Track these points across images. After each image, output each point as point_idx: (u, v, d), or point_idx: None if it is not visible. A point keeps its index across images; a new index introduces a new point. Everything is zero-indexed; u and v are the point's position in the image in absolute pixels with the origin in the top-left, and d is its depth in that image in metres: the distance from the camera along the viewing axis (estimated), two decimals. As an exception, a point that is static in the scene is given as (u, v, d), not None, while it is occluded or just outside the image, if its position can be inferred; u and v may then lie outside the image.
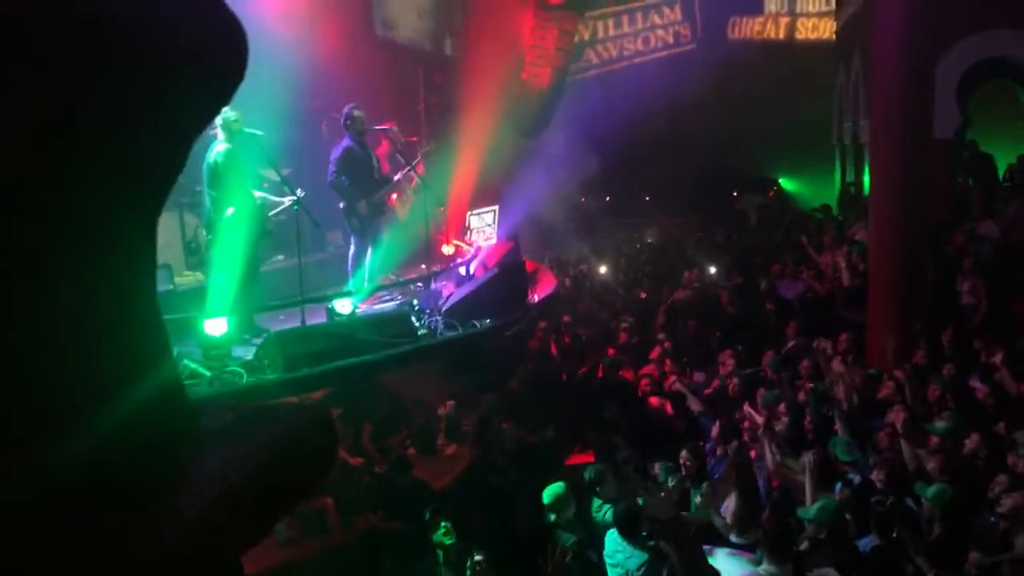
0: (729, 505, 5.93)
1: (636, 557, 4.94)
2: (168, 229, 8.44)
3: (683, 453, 6.34)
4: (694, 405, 7.76)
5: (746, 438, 6.70)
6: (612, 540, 5.13)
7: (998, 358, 6.95)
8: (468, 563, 4.97)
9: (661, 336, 9.58)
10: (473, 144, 11.18)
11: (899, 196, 8.43)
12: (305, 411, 1.48)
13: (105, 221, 1.26)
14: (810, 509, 5.26)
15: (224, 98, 1.45)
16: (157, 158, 1.36)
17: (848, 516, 5.26)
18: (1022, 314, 7.97)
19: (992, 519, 5.00)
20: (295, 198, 7.06)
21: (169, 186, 1.46)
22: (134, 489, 1.24)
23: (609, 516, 5.44)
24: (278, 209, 7.49)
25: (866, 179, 12.42)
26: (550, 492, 5.57)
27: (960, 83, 11.24)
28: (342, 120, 7.89)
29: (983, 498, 5.16)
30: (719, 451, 6.75)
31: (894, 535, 4.93)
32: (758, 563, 5.00)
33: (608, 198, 21.26)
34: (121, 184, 1.29)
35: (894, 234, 8.43)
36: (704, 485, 6.14)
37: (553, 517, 5.48)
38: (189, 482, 1.28)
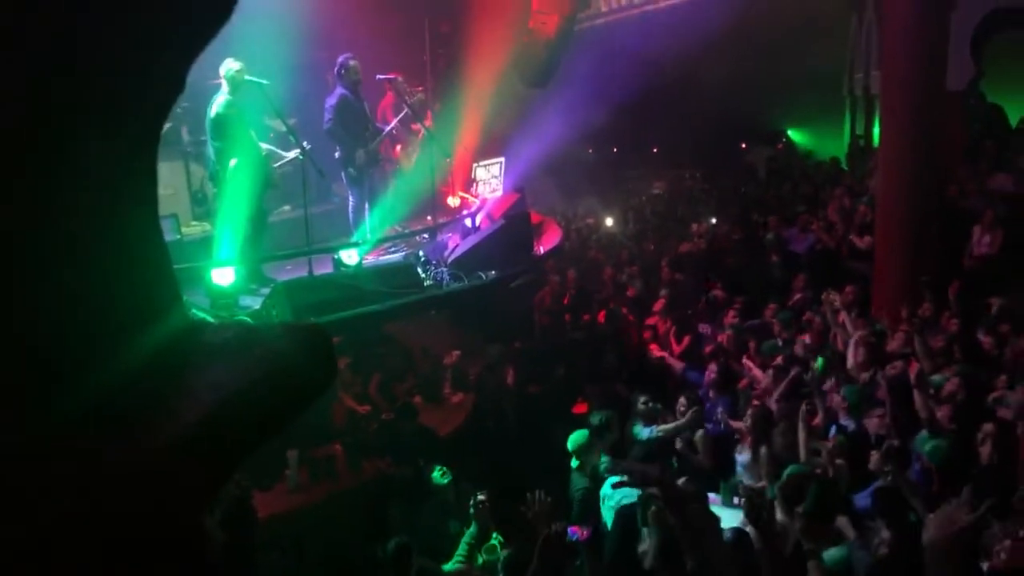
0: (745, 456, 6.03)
1: (629, 498, 5.11)
2: (174, 179, 8.46)
3: (680, 399, 6.47)
4: (675, 364, 7.90)
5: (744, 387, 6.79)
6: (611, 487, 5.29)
7: (994, 307, 6.97)
8: (472, 502, 5.08)
9: (664, 290, 9.61)
10: (479, 95, 11.07)
11: (910, 148, 8.34)
12: (303, 329, 1.52)
13: (100, 157, 1.28)
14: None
15: (210, 32, 1.44)
16: (146, 93, 1.37)
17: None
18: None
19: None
20: (300, 151, 7.05)
21: (161, 120, 1.47)
22: (141, 398, 1.29)
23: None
24: (283, 161, 7.49)
25: (876, 131, 12.27)
26: (575, 439, 5.67)
27: (975, 33, 11.03)
28: (336, 69, 7.84)
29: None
30: (712, 395, 6.84)
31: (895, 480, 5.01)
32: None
33: (615, 150, 21.10)
34: (112, 121, 1.31)
35: (904, 186, 8.37)
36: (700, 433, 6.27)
37: (576, 463, 5.58)
38: (190, 391, 1.32)
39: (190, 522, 1.45)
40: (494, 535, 5.10)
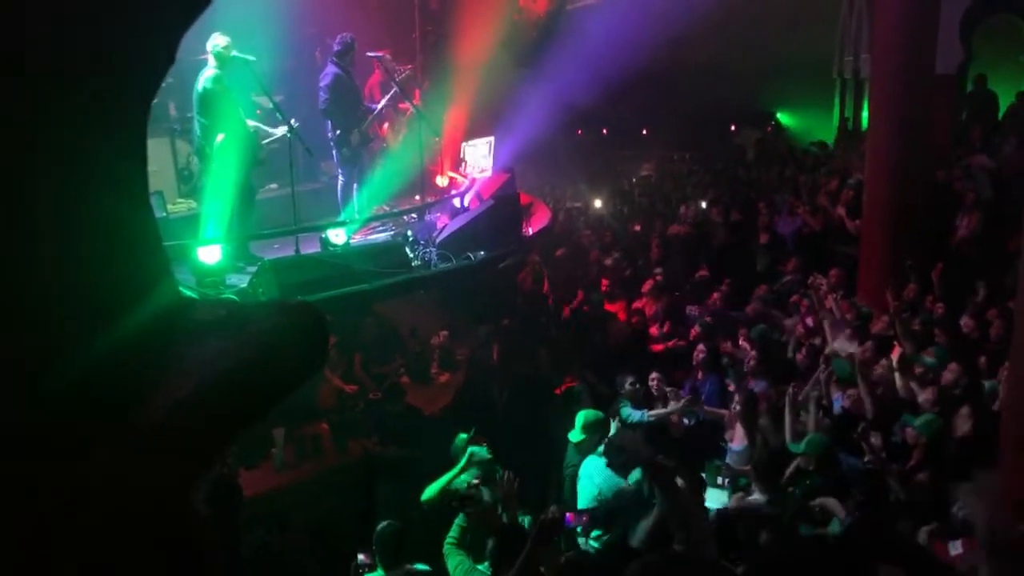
0: (737, 438, 6.09)
1: (611, 481, 5.16)
2: (160, 156, 8.37)
3: (653, 374, 6.54)
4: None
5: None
6: (593, 463, 5.31)
7: (980, 295, 7.05)
8: (466, 483, 5.08)
9: (656, 270, 9.62)
10: (469, 74, 11.00)
11: (899, 131, 8.36)
12: (297, 307, 1.52)
13: (87, 130, 1.26)
14: (799, 443, 5.39)
15: (200, 5, 1.42)
16: (135, 65, 1.35)
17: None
18: (1016, 249, 7.99)
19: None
20: (288, 128, 6.99)
21: (150, 93, 1.45)
22: (131, 375, 1.29)
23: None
24: (272, 139, 7.43)
25: (865, 114, 12.29)
26: (588, 414, 5.70)
27: (964, 17, 11.04)
28: (336, 46, 7.75)
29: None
30: (700, 375, 6.90)
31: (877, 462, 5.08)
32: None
33: (605, 131, 21.03)
34: (100, 95, 1.29)
35: (891, 169, 8.40)
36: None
37: (580, 437, 5.60)
38: (182, 367, 1.32)
39: (182, 501, 1.45)
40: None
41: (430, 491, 5.20)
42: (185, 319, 1.42)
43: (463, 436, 5.48)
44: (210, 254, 6.47)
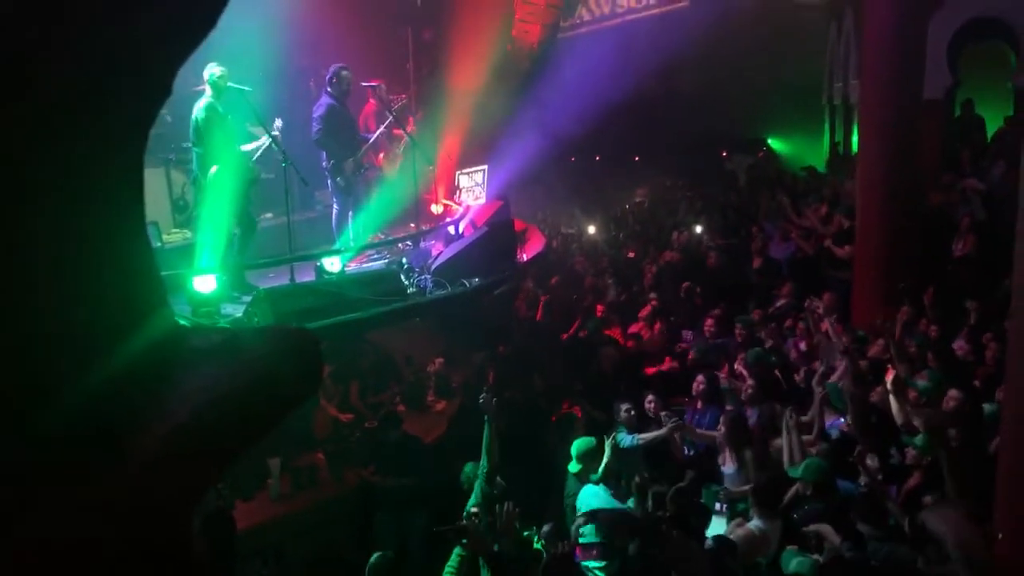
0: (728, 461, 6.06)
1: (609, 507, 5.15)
2: (155, 186, 8.40)
3: (649, 396, 6.54)
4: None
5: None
6: (591, 491, 5.29)
7: (972, 317, 7.08)
8: (465, 513, 5.05)
9: (652, 295, 9.64)
10: (463, 103, 11.10)
11: (888, 156, 8.45)
12: (291, 333, 1.53)
13: (85, 162, 1.27)
14: (797, 468, 5.37)
15: (196, 38, 1.44)
16: (133, 98, 1.37)
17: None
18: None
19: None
20: (271, 139, 7.05)
21: (147, 125, 1.46)
22: (128, 403, 1.29)
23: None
24: (256, 147, 7.43)
25: (855, 139, 12.41)
26: (580, 444, 5.67)
27: (951, 43, 11.20)
28: (328, 77, 7.81)
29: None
30: (699, 404, 6.88)
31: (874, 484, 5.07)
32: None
33: (597, 158, 21.16)
34: (99, 126, 1.30)
35: (883, 193, 8.47)
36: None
37: (576, 468, 5.57)
38: (178, 393, 1.33)
39: (180, 526, 1.44)
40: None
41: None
42: (181, 347, 1.43)
43: (471, 465, 5.45)
44: (205, 284, 6.47)
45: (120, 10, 1.27)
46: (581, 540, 4.66)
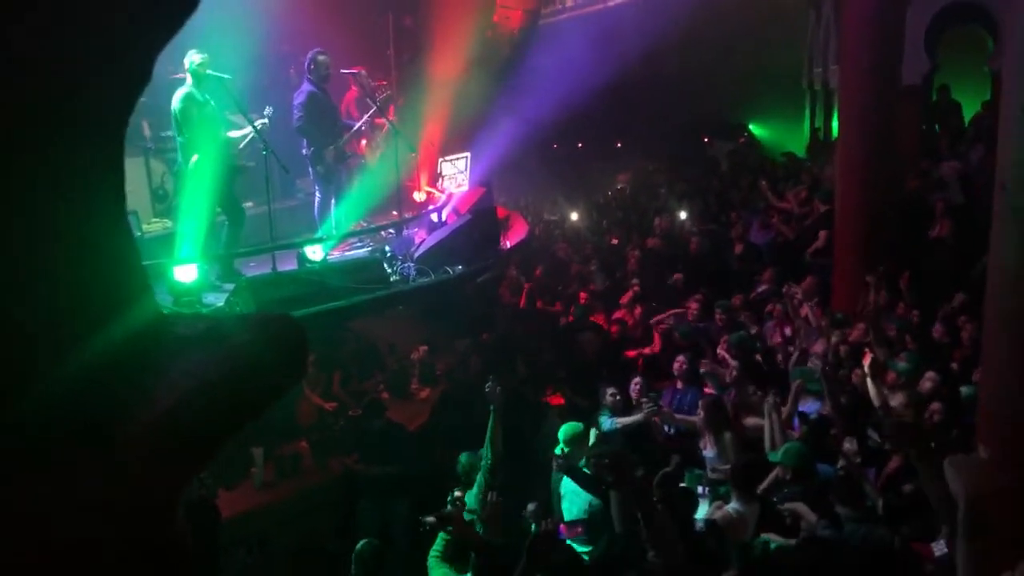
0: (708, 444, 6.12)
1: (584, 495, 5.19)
2: (134, 175, 8.32)
3: (635, 380, 6.61)
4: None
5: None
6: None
7: (957, 300, 7.16)
8: (449, 498, 5.06)
9: (634, 281, 9.68)
10: (444, 89, 11.04)
11: (867, 141, 8.50)
12: (275, 319, 1.54)
13: (64, 150, 1.27)
14: (777, 452, 5.43)
15: (177, 22, 1.44)
16: (112, 84, 1.36)
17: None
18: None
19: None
20: (254, 124, 7.01)
21: (127, 112, 1.46)
22: (114, 390, 1.29)
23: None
24: (241, 135, 7.39)
25: (835, 124, 12.48)
26: (568, 429, 5.69)
27: (929, 28, 11.27)
28: (306, 64, 7.76)
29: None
30: (679, 384, 6.94)
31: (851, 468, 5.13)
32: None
33: (580, 144, 21.18)
34: (77, 114, 1.30)
35: (862, 178, 8.53)
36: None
37: (567, 450, 5.59)
38: (164, 379, 1.33)
39: (167, 512, 1.45)
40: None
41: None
42: (165, 335, 1.43)
43: (467, 455, 5.45)
44: (186, 273, 6.43)
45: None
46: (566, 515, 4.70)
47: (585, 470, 5.32)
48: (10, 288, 1.21)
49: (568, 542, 4.93)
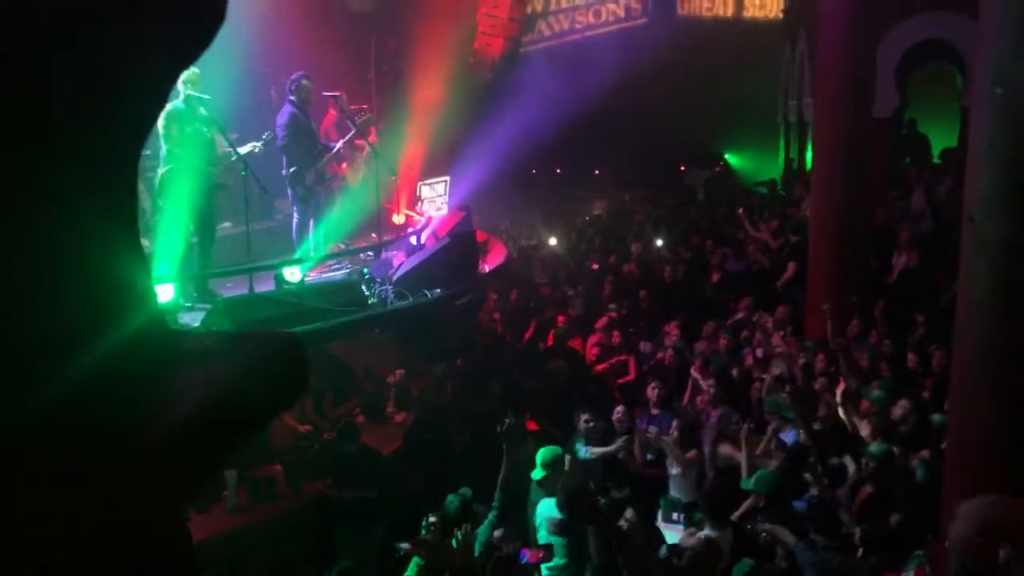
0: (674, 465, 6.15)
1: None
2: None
3: (618, 409, 6.60)
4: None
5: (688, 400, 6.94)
6: (547, 505, 5.33)
7: (920, 327, 7.30)
8: (424, 523, 5.03)
9: (612, 306, 9.73)
10: (425, 113, 11.11)
11: (840, 173, 8.68)
12: (279, 336, 1.57)
13: (81, 179, 1.28)
14: (750, 479, 5.47)
15: (201, 43, 1.46)
16: (130, 109, 1.38)
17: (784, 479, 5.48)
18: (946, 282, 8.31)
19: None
20: (256, 145, 7.02)
21: (144, 136, 1.48)
22: (128, 402, 1.30)
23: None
24: (230, 152, 7.37)
25: (809, 156, 12.72)
26: (545, 452, 5.67)
27: (900, 64, 11.56)
28: (288, 86, 7.78)
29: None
30: (654, 411, 6.98)
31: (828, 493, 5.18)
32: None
33: (558, 171, 21.35)
34: (97, 139, 1.31)
35: (834, 208, 8.70)
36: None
37: (544, 474, 5.55)
38: (176, 394, 1.34)
39: (173, 521, 1.46)
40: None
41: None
42: (174, 349, 1.45)
43: (454, 498, 5.39)
44: (162, 293, 6.38)
45: (130, 8, 1.28)
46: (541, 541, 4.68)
47: None
48: (11, 298, 1.22)
49: (531, 566, 4.90)
